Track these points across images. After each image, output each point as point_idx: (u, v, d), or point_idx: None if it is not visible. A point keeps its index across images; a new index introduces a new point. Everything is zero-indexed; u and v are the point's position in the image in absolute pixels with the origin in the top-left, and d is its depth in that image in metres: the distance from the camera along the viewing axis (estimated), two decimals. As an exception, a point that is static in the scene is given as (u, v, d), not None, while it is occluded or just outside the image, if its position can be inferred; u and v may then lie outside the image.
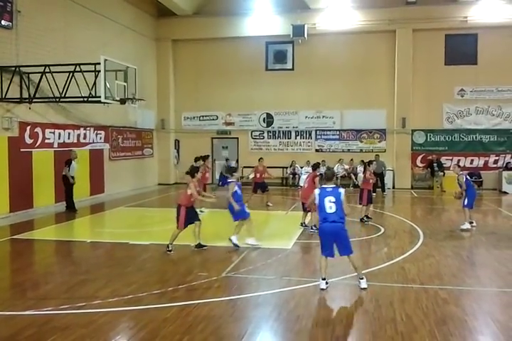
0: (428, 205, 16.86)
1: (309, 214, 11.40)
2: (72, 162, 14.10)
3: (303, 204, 11.41)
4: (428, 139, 20.97)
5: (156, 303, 6.37)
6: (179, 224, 9.19)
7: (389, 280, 7.46)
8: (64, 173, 13.91)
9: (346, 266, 8.26)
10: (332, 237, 6.95)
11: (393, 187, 20.58)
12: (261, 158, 16.53)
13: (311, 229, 10.94)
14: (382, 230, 11.38)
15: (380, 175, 18.97)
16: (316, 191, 7.13)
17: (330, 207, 6.89)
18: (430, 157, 20.48)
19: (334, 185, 7.15)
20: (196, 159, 14.69)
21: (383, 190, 18.99)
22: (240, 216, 9.47)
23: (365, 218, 12.41)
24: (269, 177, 16.07)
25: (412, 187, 20.73)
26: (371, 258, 8.89)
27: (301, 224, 11.55)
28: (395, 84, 20.73)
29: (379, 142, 21.24)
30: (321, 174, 10.97)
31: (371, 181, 12.66)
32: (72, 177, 14.04)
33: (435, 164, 20.02)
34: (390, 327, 5.59)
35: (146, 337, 5.36)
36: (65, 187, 14.07)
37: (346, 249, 7.02)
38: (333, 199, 6.88)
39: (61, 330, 5.49)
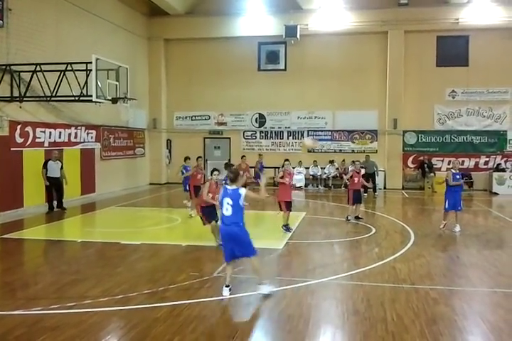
0: (419, 206, 16.95)
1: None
2: (49, 162, 13.89)
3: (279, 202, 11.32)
4: (419, 140, 21.08)
5: (146, 303, 6.34)
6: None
7: (380, 280, 7.47)
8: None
9: (338, 266, 8.32)
10: (230, 240, 6.63)
11: (384, 188, 20.66)
12: (243, 156, 16.55)
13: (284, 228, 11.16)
14: (374, 230, 11.41)
15: (371, 176, 19.04)
16: (221, 190, 6.86)
17: (226, 209, 6.59)
18: (421, 158, 20.60)
19: (236, 187, 6.64)
20: (186, 158, 14.91)
21: (374, 191, 19.05)
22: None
23: (349, 218, 12.63)
24: (248, 177, 15.79)
25: (403, 188, 20.83)
26: (362, 259, 8.91)
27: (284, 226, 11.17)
28: (386, 85, 20.82)
29: (371, 143, 21.31)
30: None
31: (355, 181, 12.71)
32: (54, 178, 13.86)
33: (426, 165, 20.13)
34: (381, 327, 5.60)
35: (136, 336, 5.34)
36: (45, 187, 14.01)
37: (247, 250, 6.63)
38: (230, 201, 6.54)
39: (51, 330, 5.45)
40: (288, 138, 22.08)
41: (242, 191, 6.57)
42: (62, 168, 14.18)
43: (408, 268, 8.12)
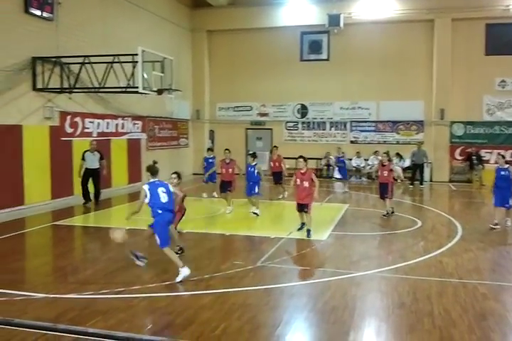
0: (466, 199, 16.48)
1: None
2: (87, 153, 13.52)
3: (301, 205, 9.96)
4: (467, 131, 20.42)
5: (192, 290, 6.49)
6: None
7: (426, 273, 7.35)
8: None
9: (383, 259, 8.23)
10: (167, 226, 7.21)
11: (431, 180, 20.17)
12: (275, 147, 16.07)
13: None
14: (419, 223, 11.19)
15: (419, 167, 18.64)
16: (146, 186, 7.27)
17: (163, 196, 7.14)
18: (469, 150, 19.94)
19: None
20: (208, 149, 15.64)
21: (421, 183, 18.66)
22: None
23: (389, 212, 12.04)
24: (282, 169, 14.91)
25: (450, 181, 20.27)
26: (408, 252, 8.77)
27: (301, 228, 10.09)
28: (433, 74, 20.24)
29: (416, 134, 20.80)
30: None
31: (379, 174, 12.36)
32: (92, 170, 13.52)
33: (474, 157, 19.50)
34: (428, 321, 5.52)
35: (183, 322, 5.46)
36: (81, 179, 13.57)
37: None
38: (164, 189, 7.17)
39: (101, 314, 5.65)
40: (330, 129, 21.86)
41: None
42: (102, 158, 13.85)
43: (455, 263, 7.95)
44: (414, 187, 18.21)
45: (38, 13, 12.98)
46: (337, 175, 20.63)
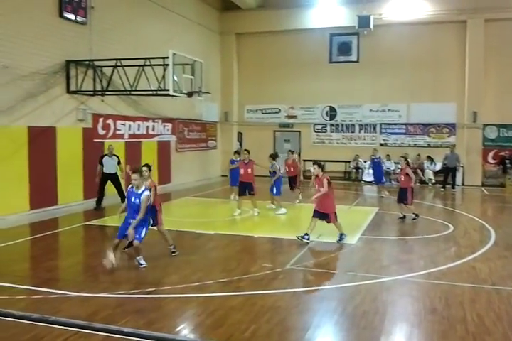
0: (500, 203, 16.09)
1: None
2: (105, 158, 13.07)
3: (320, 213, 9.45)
4: (501, 134, 19.94)
5: (222, 291, 6.52)
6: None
7: (458, 279, 7.21)
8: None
9: (414, 264, 8.11)
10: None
11: (463, 184, 19.77)
12: (290, 151, 15.60)
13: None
14: (452, 228, 10.98)
15: (451, 170, 18.30)
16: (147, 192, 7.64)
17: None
18: (503, 153, 19.52)
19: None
20: (234, 152, 15.38)
21: (453, 187, 18.32)
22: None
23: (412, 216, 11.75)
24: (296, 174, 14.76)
25: (483, 185, 19.83)
26: (439, 257, 8.61)
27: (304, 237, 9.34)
28: (465, 76, 19.85)
29: (448, 137, 20.43)
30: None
31: (402, 179, 11.83)
32: (110, 174, 13.06)
33: (508, 161, 19.06)
34: (461, 328, 5.41)
35: (213, 324, 5.49)
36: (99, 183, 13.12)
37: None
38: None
39: (132, 313, 5.73)
40: (359, 132, 21.66)
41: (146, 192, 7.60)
42: (119, 162, 13.29)
43: (489, 268, 7.77)
44: (446, 191, 17.88)
45: (71, 17, 13.29)
46: (368, 178, 20.37)
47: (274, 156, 13.48)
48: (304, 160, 21.80)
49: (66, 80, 13.23)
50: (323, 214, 9.36)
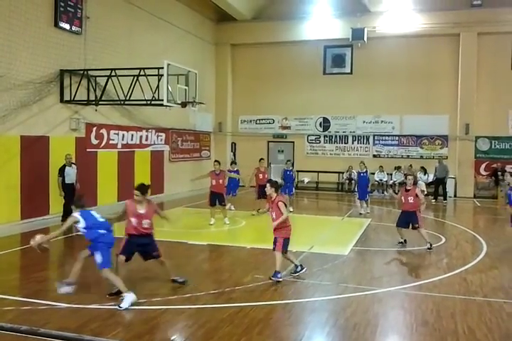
0: (492, 215, 16.18)
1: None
2: (66, 168, 12.43)
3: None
4: (493, 146, 20.12)
5: (213, 303, 6.49)
6: None
7: (450, 291, 7.22)
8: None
9: (405, 275, 8.12)
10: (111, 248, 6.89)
11: (455, 196, 19.87)
12: (261, 159, 15.63)
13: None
14: (443, 240, 11.01)
15: (441, 181, 18.39)
16: (76, 213, 6.73)
17: (99, 217, 7.03)
18: (495, 165, 19.66)
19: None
20: (231, 163, 15.85)
21: (444, 198, 18.40)
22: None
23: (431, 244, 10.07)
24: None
25: (475, 196, 19.94)
26: (431, 268, 8.64)
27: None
28: (458, 89, 20.06)
29: (440, 148, 20.58)
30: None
31: (410, 201, 10.07)
32: (73, 184, 12.42)
33: (499, 173, 19.18)
34: (452, 340, 5.41)
35: (204, 336, 5.45)
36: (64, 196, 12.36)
37: None
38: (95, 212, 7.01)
39: (123, 325, 5.70)
40: (353, 143, 21.78)
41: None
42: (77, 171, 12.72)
43: (480, 280, 7.79)
44: (437, 203, 17.95)
45: (67, 27, 13.34)
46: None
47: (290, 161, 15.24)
48: (298, 171, 21.83)
49: (60, 90, 13.24)
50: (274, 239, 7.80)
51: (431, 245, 9.96)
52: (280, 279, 7.43)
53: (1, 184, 11.49)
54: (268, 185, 7.75)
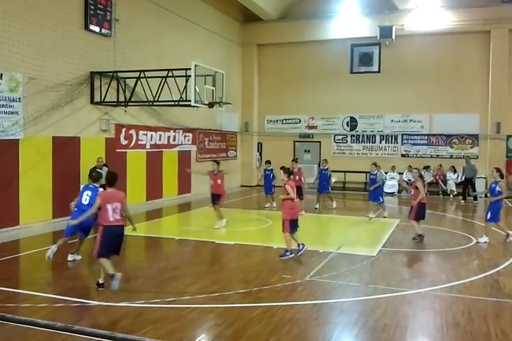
0: (524, 216, 15.75)
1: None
2: (96, 170, 12.00)
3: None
4: (525, 146, 19.64)
5: (241, 302, 6.52)
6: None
7: (482, 293, 7.08)
8: None
9: (436, 277, 8.00)
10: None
11: (485, 196, 19.41)
12: (295, 159, 16.04)
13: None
14: (474, 241, 10.81)
15: (469, 181, 18.03)
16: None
17: (85, 199, 8.26)
18: (527, 164, 19.18)
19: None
20: (266, 162, 16.13)
21: (475, 199, 18.02)
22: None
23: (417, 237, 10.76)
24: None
25: (507, 197, 19.42)
26: (462, 270, 8.47)
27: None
28: (489, 87, 19.63)
29: (471, 148, 20.18)
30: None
31: (411, 192, 11.08)
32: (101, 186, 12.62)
33: (533, 172, 18.72)
34: (484, 343, 5.31)
35: (232, 335, 5.48)
36: None
37: None
38: (90, 193, 8.22)
39: (153, 323, 5.76)
40: (380, 143, 21.55)
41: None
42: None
43: (513, 283, 7.62)
44: (467, 203, 17.60)
45: (96, 29, 13.58)
46: (389, 189, 20.16)
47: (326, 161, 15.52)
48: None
49: (90, 91, 13.49)
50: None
51: (418, 236, 10.62)
52: (288, 257, 8.84)
53: (34, 184, 11.77)
54: (281, 171, 9.18)
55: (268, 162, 16.29)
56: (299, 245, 9.02)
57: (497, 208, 10.68)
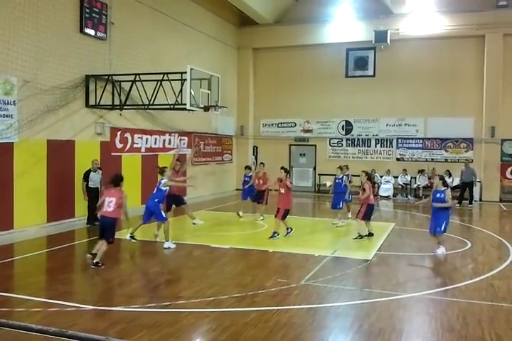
0: (519, 220, 15.85)
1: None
2: (91, 173, 12.59)
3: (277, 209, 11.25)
4: (519, 149, 19.74)
5: (236, 307, 6.49)
6: None
7: (476, 297, 7.09)
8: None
9: (431, 281, 8.01)
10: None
11: (480, 200, 19.53)
12: (261, 163, 15.40)
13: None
14: (469, 245, 10.83)
15: (468, 185, 18.06)
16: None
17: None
18: (521, 168, 19.26)
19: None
20: (245, 167, 15.56)
21: (470, 202, 18.08)
22: None
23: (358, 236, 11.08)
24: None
25: (501, 200, 19.56)
26: (457, 274, 8.50)
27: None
28: (483, 90, 19.73)
29: (466, 152, 20.25)
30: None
31: (362, 195, 11.09)
32: (96, 189, 12.57)
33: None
34: (479, 347, 5.32)
35: (227, 339, 5.46)
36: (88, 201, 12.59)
37: None
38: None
39: (148, 328, 5.73)
40: (375, 146, 21.60)
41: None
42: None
43: (508, 286, 7.64)
44: (463, 207, 17.66)
45: (92, 32, 13.56)
46: (384, 192, 20.26)
47: (341, 167, 13.86)
48: (319, 175, 21.80)
49: (85, 94, 13.45)
50: (277, 209, 11.14)
51: (359, 235, 11.12)
52: (276, 238, 10.94)
53: (29, 187, 11.72)
54: (282, 170, 11.21)
55: (247, 167, 15.56)
56: (287, 228, 11.24)
57: (448, 217, 9.96)
